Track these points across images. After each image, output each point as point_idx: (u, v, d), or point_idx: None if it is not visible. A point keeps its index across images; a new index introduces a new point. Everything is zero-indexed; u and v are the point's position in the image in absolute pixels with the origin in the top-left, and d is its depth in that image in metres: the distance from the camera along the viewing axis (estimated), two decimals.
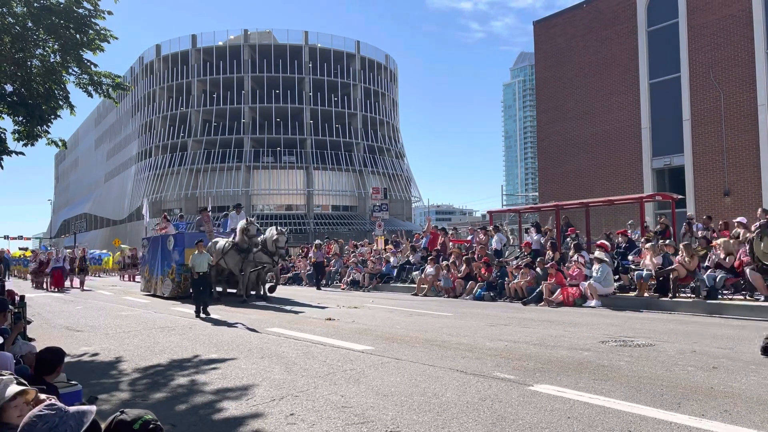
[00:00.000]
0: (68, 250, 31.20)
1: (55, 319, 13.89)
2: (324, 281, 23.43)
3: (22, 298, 9.93)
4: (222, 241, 17.71)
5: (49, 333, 11.17)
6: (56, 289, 25.09)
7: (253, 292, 17.53)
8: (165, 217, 21.70)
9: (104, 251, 48.40)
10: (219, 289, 18.24)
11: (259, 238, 17.04)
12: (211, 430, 4.97)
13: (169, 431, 4.90)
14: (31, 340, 8.82)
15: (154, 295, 19.19)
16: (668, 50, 24.85)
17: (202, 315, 13.00)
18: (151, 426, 2.23)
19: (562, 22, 29.25)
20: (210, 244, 17.30)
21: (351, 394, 5.78)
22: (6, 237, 69.64)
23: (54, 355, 4.39)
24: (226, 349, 8.74)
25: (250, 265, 16.94)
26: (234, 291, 18.42)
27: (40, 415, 2.50)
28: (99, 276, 40.38)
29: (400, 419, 4.93)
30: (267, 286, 17.57)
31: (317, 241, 25.93)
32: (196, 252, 13.58)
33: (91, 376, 7.12)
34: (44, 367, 4.29)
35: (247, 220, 17.25)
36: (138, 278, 31.10)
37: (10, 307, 7.84)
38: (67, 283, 27.00)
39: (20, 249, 54.13)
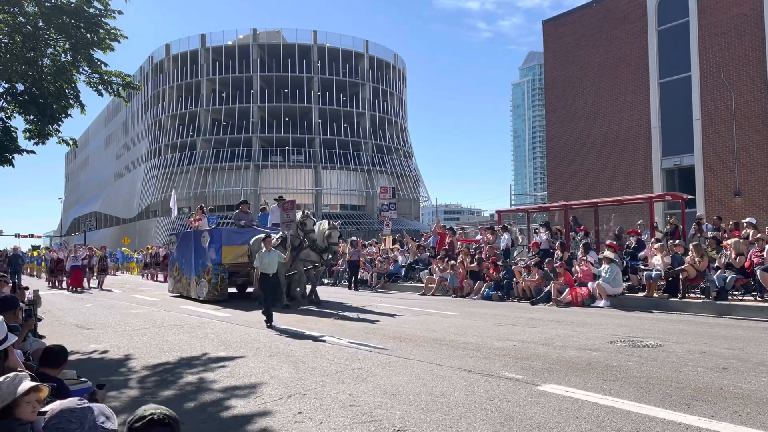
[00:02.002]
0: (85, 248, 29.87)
1: (66, 316, 13.99)
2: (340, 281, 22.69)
3: (36, 299, 10.01)
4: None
5: (60, 330, 11.26)
6: (74, 289, 23.60)
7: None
8: (201, 208, 19.63)
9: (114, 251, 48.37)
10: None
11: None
12: (220, 428, 5.00)
13: None
14: (41, 337, 8.89)
15: (188, 298, 17.41)
16: (678, 49, 24.69)
17: (266, 323, 11.05)
18: (167, 421, 2.27)
19: (572, 22, 29.12)
20: (253, 240, 15.65)
21: (359, 393, 5.79)
22: (17, 235, 70.13)
23: (56, 352, 4.43)
24: (235, 347, 8.77)
25: (300, 264, 15.03)
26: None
27: (72, 410, 2.54)
28: (115, 274, 40.20)
29: (408, 418, 4.93)
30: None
31: (352, 238, 25.06)
32: (264, 250, 11.52)
33: (101, 373, 7.16)
34: (48, 363, 4.36)
35: (303, 212, 15.19)
36: (160, 277, 30.17)
37: (21, 304, 7.90)
38: (85, 283, 25.29)
39: (32, 247, 54.43)
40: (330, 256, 14.98)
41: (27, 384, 2.88)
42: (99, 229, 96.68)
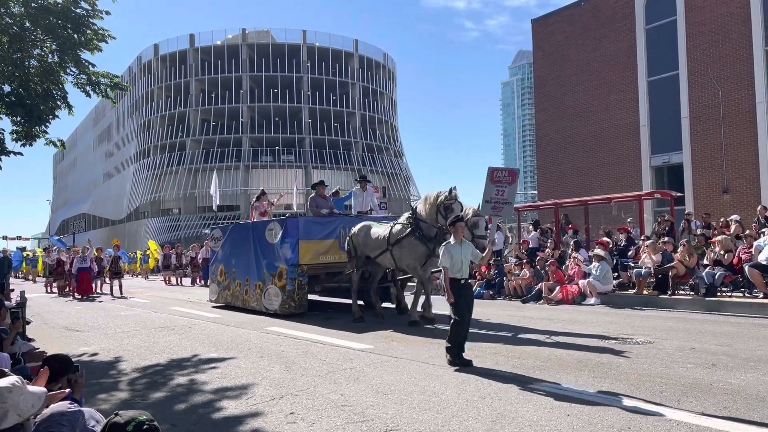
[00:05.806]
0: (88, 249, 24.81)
1: (54, 319, 13.87)
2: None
3: (24, 302, 9.94)
4: (382, 228, 11.43)
5: (49, 333, 11.16)
6: (84, 296, 20.39)
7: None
8: (263, 192, 15.95)
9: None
10: (361, 302, 12.31)
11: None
12: (211, 429, 4.97)
13: (169, 430, 4.90)
14: (30, 340, 8.82)
15: (243, 309, 13.44)
16: (666, 48, 24.85)
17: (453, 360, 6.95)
18: (145, 426, 2.22)
19: (561, 20, 29.24)
20: (357, 229, 11.77)
21: (351, 393, 5.78)
22: (5, 237, 69.45)
23: (60, 363, 3.98)
24: (226, 348, 8.73)
25: (433, 263, 10.37)
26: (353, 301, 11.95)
27: (63, 413, 2.52)
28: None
29: (400, 418, 4.93)
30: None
31: None
32: (453, 242, 7.16)
33: (91, 376, 7.10)
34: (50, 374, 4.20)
35: (450, 191, 10.08)
36: (173, 280, 27.56)
37: (9, 303, 7.84)
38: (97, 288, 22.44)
39: (18, 249, 53.76)
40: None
41: (44, 397, 2.81)
42: (88, 231, 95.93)
